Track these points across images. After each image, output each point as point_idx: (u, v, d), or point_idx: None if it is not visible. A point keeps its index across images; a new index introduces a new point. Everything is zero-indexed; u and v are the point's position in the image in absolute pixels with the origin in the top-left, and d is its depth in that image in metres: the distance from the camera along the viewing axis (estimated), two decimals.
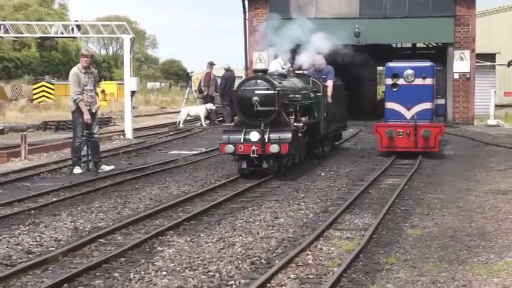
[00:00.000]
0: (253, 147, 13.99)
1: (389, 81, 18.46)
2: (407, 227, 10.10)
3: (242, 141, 14.17)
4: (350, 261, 7.98)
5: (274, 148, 13.91)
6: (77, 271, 7.61)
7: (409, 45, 40.08)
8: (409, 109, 18.08)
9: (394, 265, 8.06)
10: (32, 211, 11.06)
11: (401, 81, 18.14)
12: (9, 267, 7.88)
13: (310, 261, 8.19)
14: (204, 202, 11.91)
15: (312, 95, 16.93)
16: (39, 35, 27.97)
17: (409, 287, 7.22)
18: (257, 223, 10.26)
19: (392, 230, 9.88)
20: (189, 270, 7.76)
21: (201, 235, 9.48)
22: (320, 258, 8.35)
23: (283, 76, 15.86)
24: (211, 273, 7.65)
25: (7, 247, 8.76)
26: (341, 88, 20.12)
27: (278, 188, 13.27)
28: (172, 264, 8.01)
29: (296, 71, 17.58)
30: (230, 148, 14.17)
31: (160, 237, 9.32)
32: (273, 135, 14.15)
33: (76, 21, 28.08)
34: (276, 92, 14.24)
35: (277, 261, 8.08)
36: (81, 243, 8.89)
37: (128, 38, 24.78)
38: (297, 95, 15.70)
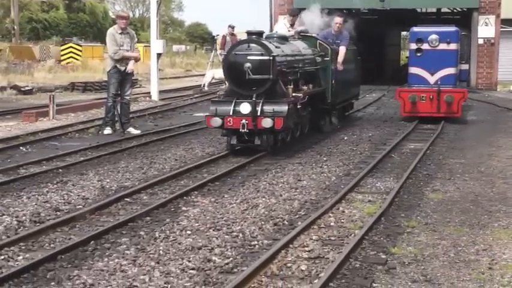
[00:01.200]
0: (244, 121, 12.25)
1: (413, 46, 18.31)
2: (429, 191, 10.06)
3: (231, 113, 12.41)
4: (372, 223, 7.97)
5: (267, 122, 12.14)
6: (103, 229, 7.68)
7: (434, 10, 39.62)
8: (432, 74, 17.94)
9: (415, 228, 8.05)
10: (60, 170, 11.15)
11: (425, 46, 18.00)
12: (38, 224, 7.97)
13: (332, 224, 8.19)
14: (228, 164, 11.93)
15: (319, 59, 15.07)
16: None
17: (429, 250, 7.21)
18: (280, 185, 10.27)
19: (413, 194, 9.85)
20: (213, 230, 7.80)
21: (225, 196, 9.52)
22: (342, 220, 8.35)
23: (283, 39, 13.97)
24: (235, 234, 7.68)
25: (36, 204, 8.84)
26: (354, 54, 18.18)
27: (301, 151, 13.25)
28: (197, 224, 8.05)
29: (302, 33, 15.67)
30: (217, 121, 12.42)
31: (185, 198, 9.36)
32: (267, 108, 12.33)
33: None
34: (271, 57, 12.41)
35: (299, 223, 8.09)
36: (108, 201, 8.95)
37: (154, 1, 24.69)
38: (298, 61, 13.88)
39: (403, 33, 50.81)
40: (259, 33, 13.09)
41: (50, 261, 6.62)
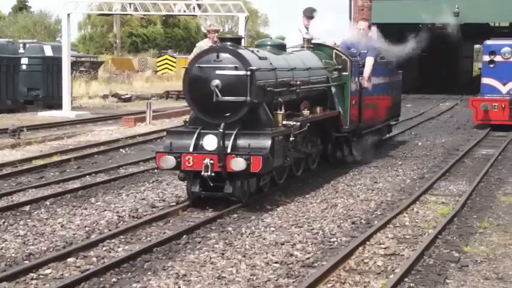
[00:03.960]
0: (208, 161, 8.37)
1: (486, 58, 18.12)
2: (501, 194, 9.81)
3: (191, 149, 8.57)
4: (445, 224, 7.83)
5: (238, 164, 8.21)
6: (195, 224, 7.78)
7: (507, 24, 38.63)
8: (504, 84, 17.66)
9: (487, 229, 7.85)
10: (156, 170, 11.27)
11: (498, 58, 17.76)
12: (136, 219, 8.12)
13: (407, 223, 8.07)
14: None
15: (335, 74, 11.30)
16: (164, 13, 28.41)
17: (501, 250, 7.02)
18: (357, 187, 10.18)
19: (485, 196, 9.62)
20: (295, 227, 7.79)
21: (306, 196, 9.48)
22: (416, 220, 8.22)
23: (278, 47, 10.27)
24: (315, 231, 7.65)
25: (134, 201, 9.01)
26: (390, 67, 14.07)
27: (377, 156, 13.06)
28: (280, 221, 8.05)
29: (315, 42, 11.74)
30: (169, 161, 8.49)
31: (269, 197, 9.36)
32: (242, 142, 8.51)
33: (197, 0, 28.33)
34: (249, 72, 8.58)
35: (376, 222, 8.01)
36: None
37: (243, 17, 24.84)
38: (296, 77, 9.88)
39: (476, 46, 49.82)
40: (237, 39, 9.39)
41: (146, 253, 6.73)
